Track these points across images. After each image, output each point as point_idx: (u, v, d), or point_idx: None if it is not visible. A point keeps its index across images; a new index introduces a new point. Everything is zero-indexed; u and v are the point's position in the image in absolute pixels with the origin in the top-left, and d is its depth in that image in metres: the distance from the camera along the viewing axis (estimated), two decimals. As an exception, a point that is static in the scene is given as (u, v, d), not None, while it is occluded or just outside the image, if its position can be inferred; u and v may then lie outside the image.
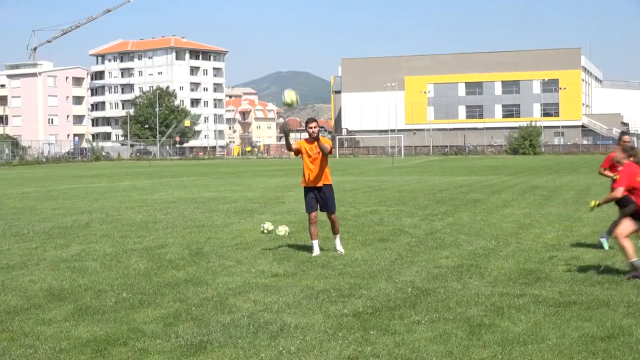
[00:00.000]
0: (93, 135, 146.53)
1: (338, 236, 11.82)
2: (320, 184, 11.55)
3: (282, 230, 13.84)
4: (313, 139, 11.49)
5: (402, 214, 17.76)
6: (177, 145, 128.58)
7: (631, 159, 9.87)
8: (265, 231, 14.23)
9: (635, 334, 6.73)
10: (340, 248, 11.69)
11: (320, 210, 11.66)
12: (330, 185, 11.71)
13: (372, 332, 6.94)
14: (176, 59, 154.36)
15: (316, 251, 11.53)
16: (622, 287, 8.75)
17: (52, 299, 8.55)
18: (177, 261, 11.11)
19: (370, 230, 14.48)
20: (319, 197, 11.58)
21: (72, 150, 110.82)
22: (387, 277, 9.53)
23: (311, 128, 11.41)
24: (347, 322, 7.32)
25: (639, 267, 9.18)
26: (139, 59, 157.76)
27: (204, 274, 9.98)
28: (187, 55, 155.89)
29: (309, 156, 11.54)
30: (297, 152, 11.63)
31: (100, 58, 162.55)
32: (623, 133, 12.02)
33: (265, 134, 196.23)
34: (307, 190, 11.69)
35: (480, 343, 6.54)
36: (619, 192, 9.59)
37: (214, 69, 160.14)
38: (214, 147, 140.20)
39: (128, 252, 12.07)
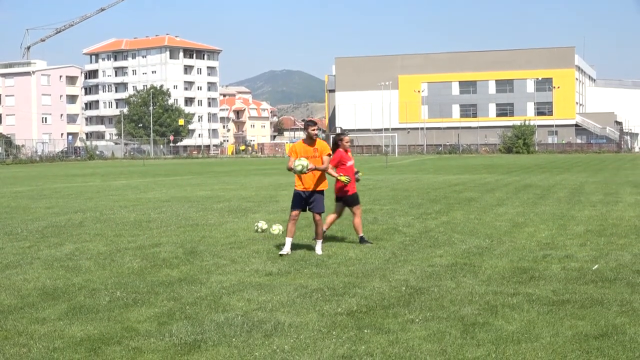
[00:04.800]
0: (87, 134, 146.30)
1: (320, 242, 11.63)
2: (312, 189, 11.44)
3: (276, 229, 13.80)
4: (312, 140, 11.43)
5: (396, 212, 17.77)
6: (171, 144, 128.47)
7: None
8: (259, 230, 14.22)
9: (629, 333, 6.75)
10: (319, 252, 11.50)
11: (308, 209, 11.52)
12: (322, 192, 11.57)
13: (366, 330, 6.95)
14: (170, 57, 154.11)
15: (287, 249, 11.35)
16: (616, 285, 8.78)
17: (46, 297, 8.53)
18: (171, 260, 11.10)
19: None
20: (308, 198, 11.45)
21: (65, 149, 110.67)
22: (381, 276, 9.54)
23: (313, 130, 11.40)
24: (341, 320, 7.33)
25: None
26: (132, 58, 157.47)
27: (198, 273, 9.97)
28: (181, 54, 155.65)
29: (307, 158, 11.35)
30: (294, 155, 11.42)
31: (94, 57, 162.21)
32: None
33: (259, 133, 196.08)
34: (297, 191, 11.55)
35: (474, 342, 6.55)
36: None
37: (207, 67, 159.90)
38: (208, 146, 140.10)
39: (122, 251, 12.06)
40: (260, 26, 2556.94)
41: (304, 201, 11.50)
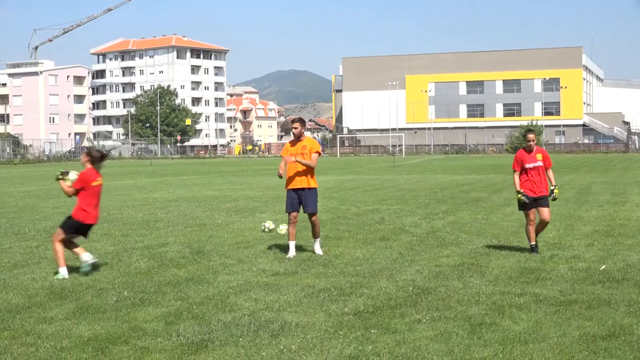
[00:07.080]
0: (94, 134, 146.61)
1: (318, 240, 11.64)
2: (303, 186, 11.33)
3: (283, 229, 13.82)
4: (298, 139, 11.37)
5: (403, 212, 17.76)
6: (179, 144, 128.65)
7: None
8: (266, 230, 14.24)
9: (636, 333, 6.73)
10: (319, 251, 11.52)
11: (303, 211, 11.44)
12: (315, 189, 11.44)
13: (373, 330, 6.95)
14: (177, 57, 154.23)
15: (292, 252, 11.31)
16: (623, 286, 8.76)
17: (54, 297, 8.56)
18: (178, 260, 11.12)
19: (371, 229, 14.48)
20: (302, 198, 11.35)
21: (73, 149, 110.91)
22: (388, 276, 9.54)
23: (295, 128, 11.33)
24: (348, 320, 7.33)
25: None
26: (140, 58, 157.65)
27: (205, 273, 9.98)
28: (188, 54, 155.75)
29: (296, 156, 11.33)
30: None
31: (101, 57, 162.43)
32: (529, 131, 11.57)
33: (266, 133, 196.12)
34: (290, 192, 11.46)
35: (481, 342, 6.54)
36: None
37: (215, 67, 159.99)
38: (215, 146, 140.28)
39: (129, 251, 12.09)
40: (267, 26, 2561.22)
41: (297, 201, 11.40)
